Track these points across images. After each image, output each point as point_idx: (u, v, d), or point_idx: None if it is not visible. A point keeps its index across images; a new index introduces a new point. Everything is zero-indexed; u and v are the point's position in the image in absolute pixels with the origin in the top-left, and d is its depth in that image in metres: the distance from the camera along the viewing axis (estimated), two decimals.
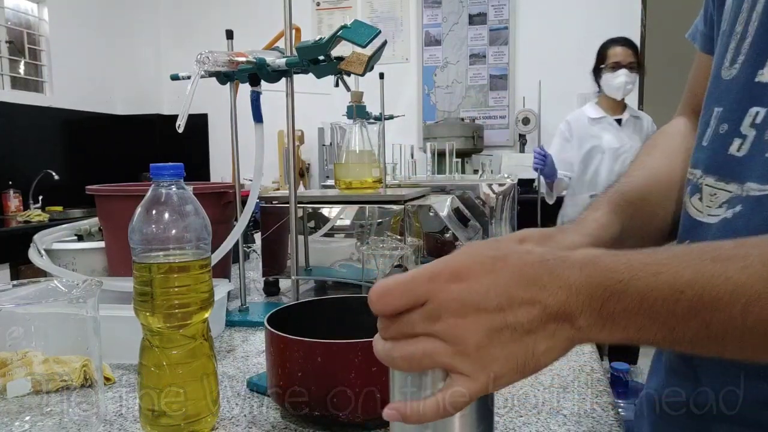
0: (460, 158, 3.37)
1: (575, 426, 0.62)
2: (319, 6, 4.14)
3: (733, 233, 0.48)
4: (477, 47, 3.94)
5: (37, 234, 1.08)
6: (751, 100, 0.49)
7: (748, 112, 0.49)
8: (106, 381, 0.73)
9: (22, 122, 3.40)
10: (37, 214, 3.08)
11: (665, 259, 0.38)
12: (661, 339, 0.38)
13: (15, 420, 0.57)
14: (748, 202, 0.48)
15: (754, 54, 0.49)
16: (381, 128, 1.40)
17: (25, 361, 0.60)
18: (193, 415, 0.58)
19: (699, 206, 0.54)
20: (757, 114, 0.48)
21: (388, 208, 1.09)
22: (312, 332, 0.60)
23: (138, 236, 0.57)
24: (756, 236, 0.38)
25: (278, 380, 0.61)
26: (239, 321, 0.99)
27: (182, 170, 0.58)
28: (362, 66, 0.85)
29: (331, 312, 0.71)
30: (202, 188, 1.01)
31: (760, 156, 0.47)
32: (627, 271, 0.38)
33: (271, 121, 1.12)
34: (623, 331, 0.38)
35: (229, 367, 0.79)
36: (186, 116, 0.81)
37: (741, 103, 0.50)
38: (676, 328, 0.37)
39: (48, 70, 3.69)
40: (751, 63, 0.49)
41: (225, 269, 1.08)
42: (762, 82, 0.48)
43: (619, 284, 0.38)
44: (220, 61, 0.86)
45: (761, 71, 0.48)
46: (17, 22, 3.54)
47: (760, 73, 0.48)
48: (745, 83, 0.49)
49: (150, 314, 0.57)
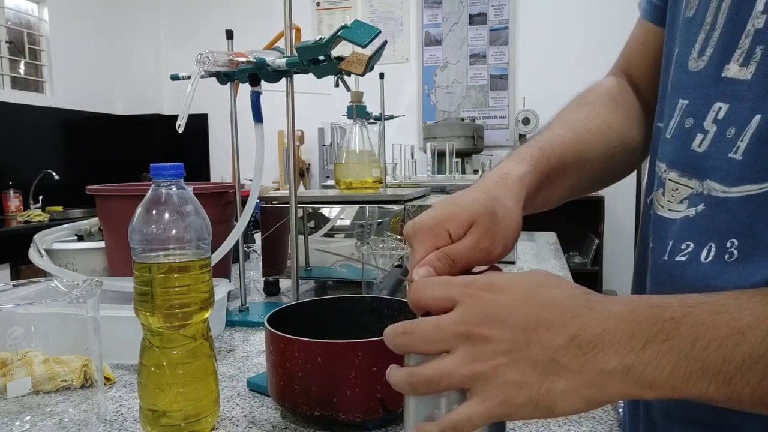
0: (460, 158, 3.38)
1: (575, 426, 0.62)
2: (319, 6, 4.14)
3: (697, 232, 0.48)
4: (477, 47, 3.94)
5: (37, 234, 1.08)
6: (716, 96, 0.47)
7: (712, 107, 0.47)
8: (106, 381, 0.73)
9: (22, 122, 3.40)
10: (37, 214, 3.08)
11: (724, 300, 0.35)
12: (714, 392, 0.33)
13: (15, 420, 0.57)
14: (712, 203, 0.47)
15: (723, 47, 0.47)
16: (381, 128, 1.40)
17: (25, 361, 0.60)
18: (193, 415, 0.58)
19: (662, 201, 0.52)
20: (720, 109, 0.47)
21: (388, 208, 1.09)
22: (312, 332, 0.60)
23: (138, 236, 0.57)
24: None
25: (278, 380, 0.61)
26: (239, 321, 0.99)
27: (182, 170, 0.58)
28: (362, 66, 0.85)
29: (331, 312, 0.71)
30: (202, 188, 1.01)
31: (722, 155, 0.46)
32: (680, 308, 0.34)
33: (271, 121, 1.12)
34: (666, 380, 0.33)
35: (229, 367, 0.79)
36: (186, 116, 0.81)
37: (706, 98, 0.48)
38: (734, 379, 0.32)
39: (48, 70, 3.69)
40: (719, 56, 0.47)
41: (225, 269, 1.08)
42: (727, 77, 0.46)
43: (670, 322, 0.34)
44: (220, 61, 0.86)
45: (727, 66, 0.46)
46: (17, 22, 3.55)
47: (726, 68, 0.47)
48: (713, 77, 0.48)
49: (150, 314, 0.57)
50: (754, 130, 0.44)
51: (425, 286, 0.41)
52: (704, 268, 0.46)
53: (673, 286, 0.49)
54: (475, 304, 0.38)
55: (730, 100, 0.46)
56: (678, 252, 0.49)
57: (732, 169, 0.45)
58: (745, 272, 0.43)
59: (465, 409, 0.38)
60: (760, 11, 0.43)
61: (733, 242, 0.45)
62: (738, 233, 0.45)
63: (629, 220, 3.64)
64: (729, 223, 0.45)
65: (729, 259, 0.45)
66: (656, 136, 0.57)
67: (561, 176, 0.57)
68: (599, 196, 3.39)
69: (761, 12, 0.43)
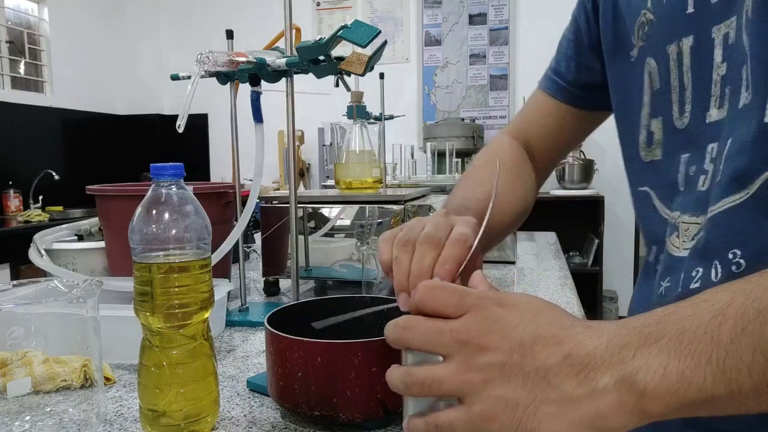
0: (460, 158, 3.37)
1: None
2: (319, 6, 4.14)
3: (701, 257, 0.51)
4: (477, 47, 3.94)
5: (37, 234, 1.08)
6: (707, 139, 0.53)
7: (707, 150, 0.53)
8: (106, 381, 0.73)
9: (22, 122, 3.40)
10: (37, 214, 3.08)
11: (702, 294, 0.36)
12: (712, 385, 0.32)
13: (15, 420, 0.57)
14: (706, 226, 0.51)
15: (699, 100, 0.54)
16: (381, 128, 1.40)
17: (25, 361, 0.60)
18: (193, 415, 0.58)
19: (677, 243, 0.56)
20: (713, 149, 0.52)
21: (388, 208, 1.09)
22: (312, 332, 0.60)
23: (138, 236, 0.57)
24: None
25: (278, 380, 0.61)
26: (239, 321, 0.99)
27: (182, 170, 0.58)
28: (362, 66, 0.85)
29: (331, 312, 0.71)
30: (202, 188, 1.01)
31: (718, 185, 0.50)
32: (662, 311, 0.36)
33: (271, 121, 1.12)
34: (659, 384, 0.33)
35: (229, 367, 0.79)
36: (186, 116, 0.81)
37: (700, 144, 0.53)
38: (727, 362, 0.31)
39: (48, 70, 3.69)
40: (699, 108, 0.54)
41: (225, 269, 1.08)
42: (710, 121, 0.52)
43: (656, 325, 0.34)
44: (220, 61, 0.86)
45: (708, 113, 0.53)
46: (17, 22, 3.55)
47: (708, 115, 0.53)
48: (699, 126, 0.54)
49: (150, 314, 0.57)
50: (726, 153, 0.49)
51: (437, 290, 0.41)
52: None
53: None
54: (483, 316, 0.39)
55: (719, 139, 0.51)
56: (690, 280, 0.51)
57: (718, 190, 0.49)
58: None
59: (450, 414, 0.38)
60: (719, 62, 0.51)
61: (736, 253, 0.47)
62: (738, 243, 0.47)
63: (629, 220, 3.64)
64: (724, 236, 0.48)
65: (737, 270, 0.47)
66: (643, 199, 0.62)
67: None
68: (599, 196, 3.39)
69: (720, 62, 0.51)
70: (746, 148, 0.46)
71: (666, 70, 0.57)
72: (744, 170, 0.47)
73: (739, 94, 0.49)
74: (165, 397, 0.57)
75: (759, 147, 0.45)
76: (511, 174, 0.75)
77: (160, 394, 0.57)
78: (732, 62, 0.50)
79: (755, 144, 0.46)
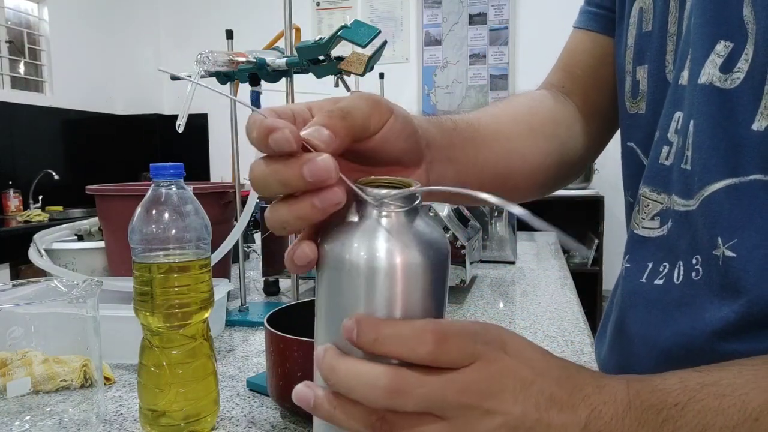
0: None
1: None
2: (319, 6, 4.14)
3: (670, 252, 0.45)
4: (477, 47, 3.94)
5: (37, 234, 1.08)
6: (675, 105, 0.45)
7: (674, 117, 0.45)
8: (106, 381, 0.73)
9: (22, 122, 3.40)
10: (37, 214, 3.08)
11: (727, 379, 0.32)
12: None
13: (15, 420, 0.57)
14: (677, 219, 0.44)
15: (681, 54, 0.45)
16: None
17: (25, 361, 0.60)
18: (193, 415, 0.58)
19: (637, 219, 0.50)
20: (679, 119, 0.44)
21: None
22: (312, 332, 0.60)
23: (138, 236, 0.57)
24: None
25: (278, 380, 0.61)
26: (239, 321, 0.99)
27: (182, 170, 0.58)
28: (362, 66, 0.85)
29: None
30: (202, 188, 1.01)
31: (677, 166, 0.44)
32: (683, 392, 0.31)
33: None
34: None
35: (229, 367, 0.79)
36: (186, 116, 0.81)
37: (669, 108, 0.46)
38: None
39: (48, 70, 3.69)
40: (679, 66, 0.45)
41: (225, 269, 1.08)
42: (682, 84, 0.44)
43: (675, 408, 0.31)
44: (220, 61, 0.86)
45: (682, 73, 0.44)
46: (17, 22, 3.54)
47: (681, 75, 0.44)
48: (673, 87, 0.45)
49: (150, 314, 0.57)
50: (692, 138, 0.42)
51: (449, 342, 0.31)
52: (677, 292, 0.44)
53: (647, 312, 0.47)
54: (494, 370, 0.31)
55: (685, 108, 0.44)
56: (657, 275, 0.47)
57: (687, 181, 0.43)
58: (710, 292, 0.41)
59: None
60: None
61: (698, 259, 0.42)
62: (701, 249, 0.42)
63: None
64: (693, 238, 0.43)
65: (696, 277, 0.43)
66: (629, 155, 0.54)
67: (472, 140, 0.49)
68: (599, 196, 3.40)
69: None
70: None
71: (663, 10, 0.48)
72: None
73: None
74: (165, 397, 0.57)
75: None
76: (520, 99, 0.62)
77: (160, 394, 0.57)
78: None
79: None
